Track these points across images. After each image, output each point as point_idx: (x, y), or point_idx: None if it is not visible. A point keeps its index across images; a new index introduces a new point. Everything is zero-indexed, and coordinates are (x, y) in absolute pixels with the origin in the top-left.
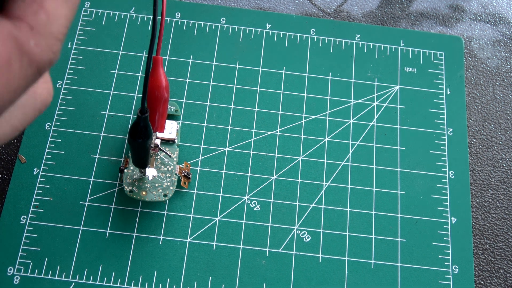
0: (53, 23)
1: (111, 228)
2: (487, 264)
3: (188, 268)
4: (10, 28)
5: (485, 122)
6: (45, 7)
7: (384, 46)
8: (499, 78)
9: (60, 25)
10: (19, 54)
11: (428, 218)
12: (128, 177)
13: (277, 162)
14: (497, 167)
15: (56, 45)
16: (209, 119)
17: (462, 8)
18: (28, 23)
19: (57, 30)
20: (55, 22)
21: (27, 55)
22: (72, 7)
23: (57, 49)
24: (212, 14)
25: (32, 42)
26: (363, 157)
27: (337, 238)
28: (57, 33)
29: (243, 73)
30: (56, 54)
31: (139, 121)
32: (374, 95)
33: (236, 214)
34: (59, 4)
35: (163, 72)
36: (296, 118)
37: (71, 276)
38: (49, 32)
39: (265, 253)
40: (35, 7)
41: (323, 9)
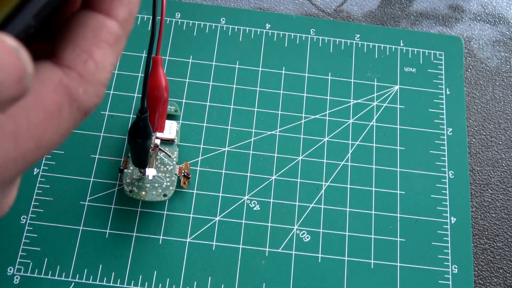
0: (101, 71)
1: (111, 228)
2: (487, 264)
3: (188, 268)
4: (61, 76)
5: (485, 122)
6: (94, 56)
7: (383, 46)
8: (498, 78)
9: (107, 72)
10: (69, 101)
11: (428, 218)
12: (128, 177)
13: (276, 162)
14: (496, 167)
15: (102, 91)
16: (209, 119)
17: (461, 8)
18: (78, 71)
19: (103, 77)
20: (103, 70)
21: (76, 102)
22: (118, 55)
23: (103, 94)
24: (212, 14)
25: (81, 90)
26: (363, 157)
27: (336, 238)
28: (103, 80)
29: (242, 73)
30: (101, 99)
31: (138, 121)
32: (374, 95)
33: (236, 214)
34: (107, 53)
35: (163, 72)
36: (295, 118)
37: (71, 276)
38: (97, 79)
39: (265, 253)
40: (85, 57)
41: (323, 9)
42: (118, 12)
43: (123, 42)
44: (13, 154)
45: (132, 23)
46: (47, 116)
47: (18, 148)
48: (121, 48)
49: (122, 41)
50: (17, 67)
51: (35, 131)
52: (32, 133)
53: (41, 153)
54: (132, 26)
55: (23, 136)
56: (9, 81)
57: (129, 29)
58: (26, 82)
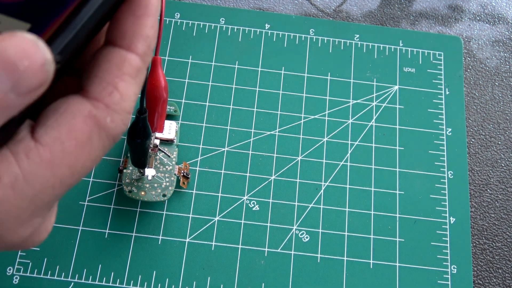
0: (125, 101)
1: (110, 228)
2: (486, 264)
3: (187, 268)
4: (90, 108)
5: (484, 122)
6: (119, 88)
7: (383, 46)
8: (498, 78)
9: (131, 102)
10: (98, 129)
11: (427, 218)
12: (127, 177)
13: (276, 162)
14: (496, 167)
15: (128, 118)
16: (208, 119)
17: (461, 8)
18: (105, 102)
19: (128, 106)
20: (127, 99)
21: (105, 130)
22: (139, 85)
23: (128, 121)
24: (211, 14)
25: (108, 119)
26: (362, 157)
27: (335, 238)
28: (128, 108)
29: (242, 73)
30: (127, 126)
31: (138, 121)
32: (373, 95)
33: (235, 214)
34: (130, 84)
35: (162, 73)
36: (295, 118)
37: (70, 276)
38: (122, 109)
39: (264, 253)
40: (110, 89)
41: (322, 9)
42: (138, 46)
43: (143, 73)
44: (51, 181)
45: (151, 56)
46: (79, 144)
47: (55, 175)
48: (143, 78)
49: (143, 72)
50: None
51: (69, 159)
52: (67, 161)
53: (75, 178)
54: (151, 58)
55: (58, 163)
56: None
57: (148, 61)
58: (48, 67)
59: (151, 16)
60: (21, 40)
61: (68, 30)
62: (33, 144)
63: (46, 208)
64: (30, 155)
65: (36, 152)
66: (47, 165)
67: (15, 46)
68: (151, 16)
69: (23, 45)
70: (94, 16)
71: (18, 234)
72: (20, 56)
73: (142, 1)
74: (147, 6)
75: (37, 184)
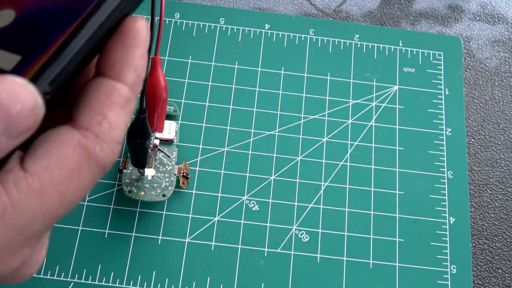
0: (114, 130)
1: (110, 228)
2: (486, 264)
3: (187, 268)
4: (79, 137)
5: (484, 122)
6: (108, 117)
7: (383, 46)
8: (498, 78)
9: (120, 131)
10: (87, 159)
11: (427, 218)
12: (127, 177)
13: (275, 162)
14: (495, 167)
15: (117, 148)
16: (208, 119)
17: (461, 8)
18: (94, 132)
19: (117, 135)
20: (116, 129)
21: (94, 159)
22: (129, 114)
23: (118, 151)
24: (211, 14)
25: (97, 148)
26: (362, 157)
27: (335, 238)
28: (118, 138)
29: (242, 73)
30: (117, 155)
31: (137, 122)
32: (373, 95)
33: (235, 214)
34: (119, 114)
35: (162, 73)
36: (294, 118)
37: (70, 276)
38: (111, 138)
39: (264, 253)
40: (100, 118)
41: (322, 9)
42: (127, 76)
43: (133, 103)
44: (40, 210)
45: (140, 85)
46: (68, 173)
47: (44, 204)
48: (132, 108)
49: (132, 102)
50: (30, 98)
51: (58, 188)
52: (56, 190)
53: (65, 207)
54: (140, 88)
55: (48, 193)
56: (26, 111)
57: (138, 91)
58: (38, 111)
59: (140, 46)
60: (12, 84)
61: (58, 61)
62: (22, 174)
63: (36, 239)
64: (19, 185)
65: (25, 182)
66: (36, 194)
67: (7, 91)
68: (140, 47)
69: (15, 89)
70: (84, 47)
71: (6, 265)
72: (13, 100)
73: (131, 32)
74: (136, 37)
75: (27, 213)
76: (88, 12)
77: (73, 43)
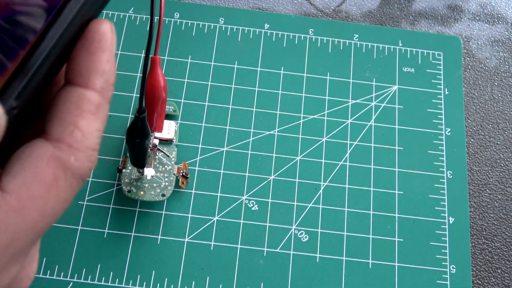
0: (88, 138)
1: (109, 227)
2: (485, 264)
3: (186, 267)
4: (52, 150)
5: (483, 122)
6: (79, 126)
7: (382, 46)
8: (497, 78)
9: (94, 138)
10: (63, 170)
11: (426, 218)
12: (127, 177)
13: (275, 162)
14: (495, 167)
15: (93, 155)
16: (207, 119)
17: (460, 8)
18: (67, 142)
19: (91, 143)
20: (89, 136)
21: (70, 170)
22: (102, 120)
23: (94, 158)
24: (210, 14)
25: (72, 158)
26: (361, 157)
27: (335, 238)
28: (92, 145)
29: (241, 73)
30: (94, 162)
31: (137, 121)
32: (372, 95)
33: (234, 214)
34: (91, 121)
35: (161, 72)
36: (294, 118)
37: (69, 276)
38: (85, 146)
39: (263, 253)
40: (71, 128)
41: (321, 9)
42: (96, 83)
43: (105, 108)
44: (22, 227)
45: (111, 90)
46: (45, 188)
47: (25, 221)
48: (105, 113)
49: (104, 107)
50: None
51: (37, 203)
52: (35, 205)
53: (47, 221)
54: (111, 92)
55: (27, 209)
56: None
57: (109, 95)
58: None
59: (106, 50)
60: None
61: (23, 74)
62: (0, 193)
63: (23, 255)
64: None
65: (3, 201)
66: (15, 212)
67: None
68: (106, 51)
69: None
70: (48, 58)
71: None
72: None
73: (95, 36)
74: (100, 41)
75: (9, 232)
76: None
77: (36, 55)
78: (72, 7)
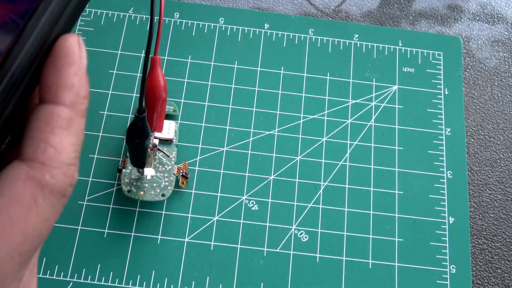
0: (61, 154)
1: (109, 227)
2: (485, 264)
3: (186, 267)
4: (27, 170)
5: (483, 122)
6: (51, 143)
7: (382, 46)
8: (497, 78)
9: (68, 153)
10: (40, 189)
11: (426, 218)
12: (126, 177)
13: (275, 162)
14: (495, 167)
15: (70, 170)
16: (207, 119)
17: (460, 8)
18: (40, 161)
19: (66, 157)
20: (63, 151)
21: (47, 188)
22: (76, 134)
23: (72, 173)
24: (210, 14)
25: (47, 176)
26: (361, 157)
27: (335, 238)
28: (67, 160)
29: (241, 73)
30: (72, 177)
31: (137, 121)
32: (372, 95)
33: (234, 214)
34: (63, 136)
35: (161, 72)
36: (294, 118)
37: (69, 276)
38: (60, 162)
39: (263, 253)
40: (43, 146)
41: (321, 9)
42: (64, 97)
43: (78, 121)
44: (6, 251)
45: (84, 103)
46: (24, 208)
47: (8, 245)
48: (79, 127)
49: (77, 120)
50: None
51: (18, 226)
52: (17, 228)
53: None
54: (85, 105)
55: (9, 233)
56: None
57: (82, 108)
58: None
59: (73, 64)
60: None
61: None
62: None
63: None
64: None
65: None
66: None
67: None
68: (73, 65)
69: None
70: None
71: None
72: None
73: (61, 52)
74: (67, 55)
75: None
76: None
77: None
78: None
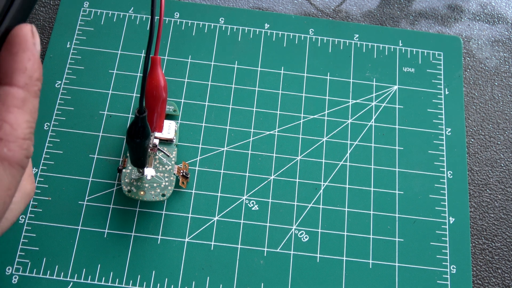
0: (17, 129)
1: (109, 227)
2: (485, 264)
3: (186, 268)
4: None
5: (484, 122)
6: (7, 120)
7: (382, 46)
8: (497, 78)
9: (23, 128)
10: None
11: (426, 218)
12: (127, 177)
13: (275, 162)
14: (495, 167)
15: (25, 144)
16: (208, 119)
17: (460, 8)
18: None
19: (21, 133)
20: (18, 127)
21: (6, 160)
22: (30, 112)
23: (27, 146)
24: (210, 14)
25: (5, 150)
26: (361, 157)
27: (335, 238)
28: (22, 135)
29: (241, 73)
30: (28, 150)
31: (137, 121)
32: (373, 95)
33: (234, 214)
34: (18, 114)
35: (162, 72)
36: (294, 118)
37: (69, 276)
38: (16, 136)
39: (263, 253)
40: (0, 123)
41: (321, 9)
42: (18, 79)
43: (32, 101)
44: None
45: (37, 85)
46: None
47: None
48: (32, 106)
49: (30, 100)
50: None
51: None
52: None
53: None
54: (38, 87)
55: None
56: None
57: (35, 89)
58: None
59: (27, 50)
60: None
61: None
62: None
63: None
64: None
65: None
66: None
67: None
68: (27, 51)
69: None
70: None
71: None
72: None
73: (16, 39)
74: (21, 43)
75: None
76: None
77: None
78: None
